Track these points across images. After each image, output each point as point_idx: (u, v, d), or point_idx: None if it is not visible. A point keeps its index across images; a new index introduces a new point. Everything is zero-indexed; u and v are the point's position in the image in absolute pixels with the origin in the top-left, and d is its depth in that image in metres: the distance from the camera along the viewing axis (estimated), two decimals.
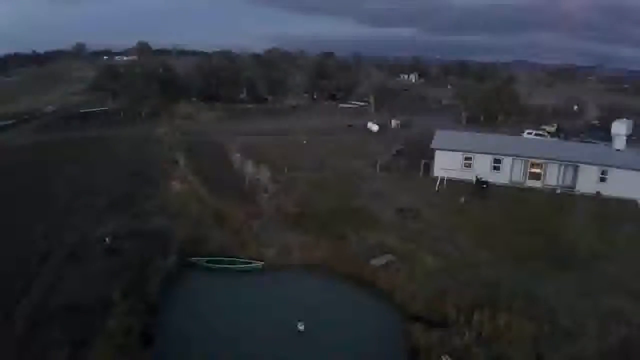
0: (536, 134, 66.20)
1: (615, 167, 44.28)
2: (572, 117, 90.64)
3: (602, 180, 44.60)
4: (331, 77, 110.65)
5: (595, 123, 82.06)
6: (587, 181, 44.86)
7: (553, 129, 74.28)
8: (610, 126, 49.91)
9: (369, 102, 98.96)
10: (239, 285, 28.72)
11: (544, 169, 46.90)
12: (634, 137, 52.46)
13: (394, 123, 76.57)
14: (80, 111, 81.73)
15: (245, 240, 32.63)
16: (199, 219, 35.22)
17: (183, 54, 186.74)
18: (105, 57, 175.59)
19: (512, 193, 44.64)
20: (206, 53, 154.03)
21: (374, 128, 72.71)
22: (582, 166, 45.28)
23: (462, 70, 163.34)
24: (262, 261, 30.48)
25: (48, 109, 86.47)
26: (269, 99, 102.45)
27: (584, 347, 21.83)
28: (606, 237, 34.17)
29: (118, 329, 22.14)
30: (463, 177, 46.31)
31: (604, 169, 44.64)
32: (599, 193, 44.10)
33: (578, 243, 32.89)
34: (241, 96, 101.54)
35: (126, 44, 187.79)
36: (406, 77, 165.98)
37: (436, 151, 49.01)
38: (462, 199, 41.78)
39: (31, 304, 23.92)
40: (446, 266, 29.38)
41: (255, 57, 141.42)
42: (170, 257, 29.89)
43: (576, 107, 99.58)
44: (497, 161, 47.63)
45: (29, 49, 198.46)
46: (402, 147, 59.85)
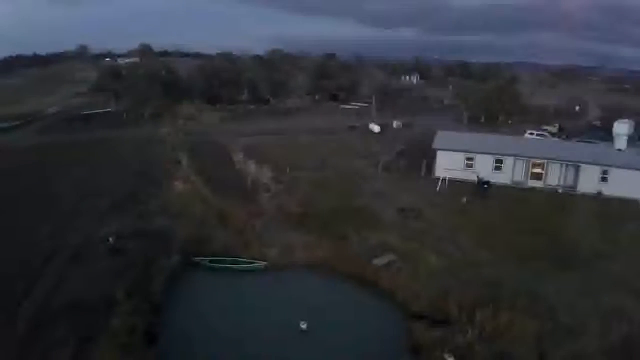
0: (538, 135, 66.13)
1: (617, 167, 44.30)
2: (574, 118, 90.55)
3: (604, 180, 44.61)
4: (333, 78, 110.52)
5: (597, 124, 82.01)
6: (589, 181, 44.89)
7: (555, 130, 74.21)
8: (612, 127, 50.00)
9: (370, 103, 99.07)
10: (241, 285, 28.85)
11: (545, 169, 46.94)
12: (637, 138, 52.52)
13: (395, 124, 76.58)
14: (84, 113, 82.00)
15: (248, 240, 32.75)
16: (202, 219, 35.36)
17: (185, 56, 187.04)
18: (108, 59, 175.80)
19: (514, 193, 44.70)
20: (208, 55, 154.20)
21: (376, 129, 72.70)
22: (583, 166, 45.31)
23: (463, 71, 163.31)
24: (264, 261, 30.62)
25: (51, 110, 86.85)
26: (271, 100, 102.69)
27: (586, 345, 21.88)
28: (608, 236, 34.18)
29: (122, 328, 22.26)
30: (465, 178, 46.39)
31: (605, 169, 44.66)
32: (600, 193, 44.15)
33: (580, 242, 32.93)
34: (243, 97, 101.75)
35: (128, 46, 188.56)
36: (408, 78, 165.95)
37: (438, 152, 49.09)
38: (464, 199, 41.88)
39: (35, 304, 24.01)
40: (448, 266, 29.48)
41: (257, 58, 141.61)
42: (174, 257, 30.07)
43: (578, 108, 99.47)
44: (498, 161, 47.66)
45: (32, 51, 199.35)
46: (404, 147, 59.96)
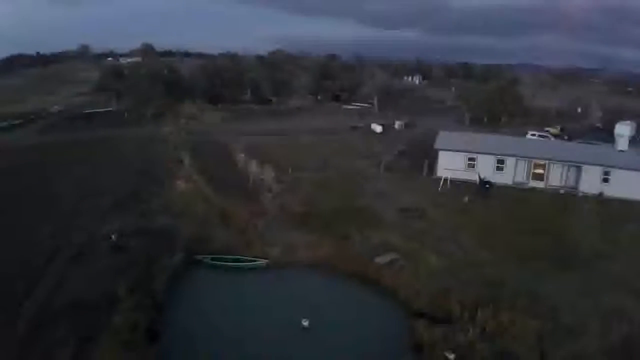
0: (540, 136, 66.20)
1: (618, 168, 44.38)
2: (575, 119, 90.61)
3: (605, 181, 44.66)
4: (335, 78, 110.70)
5: (598, 125, 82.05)
6: (590, 182, 44.93)
7: (557, 131, 74.29)
8: (613, 128, 50.05)
9: (372, 103, 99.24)
10: (243, 282, 28.94)
11: (547, 169, 46.98)
12: (638, 139, 52.60)
13: (397, 124, 76.73)
14: (86, 111, 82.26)
15: (250, 239, 32.85)
16: (204, 218, 35.46)
17: (187, 55, 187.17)
18: (109, 59, 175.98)
19: (515, 193, 44.74)
20: (210, 55, 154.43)
21: (378, 129, 72.86)
22: (585, 167, 45.36)
23: (465, 72, 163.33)
24: (266, 259, 30.76)
25: (54, 109, 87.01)
26: (273, 100, 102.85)
27: (587, 345, 21.95)
28: (609, 236, 34.24)
29: (124, 324, 22.35)
30: (466, 178, 46.43)
31: (607, 169, 44.71)
32: (602, 194, 44.20)
33: (581, 243, 33.00)
34: (245, 97, 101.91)
35: (129, 45, 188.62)
36: (410, 78, 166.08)
37: (439, 151, 49.17)
38: (466, 199, 41.95)
39: (36, 303, 23.99)
40: (449, 265, 29.56)
41: (259, 58, 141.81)
42: (176, 255, 30.14)
43: (580, 110, 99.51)
44: (500, 162, 47.73)
45: (33, 50, 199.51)
46: (406, 147, 60.05)
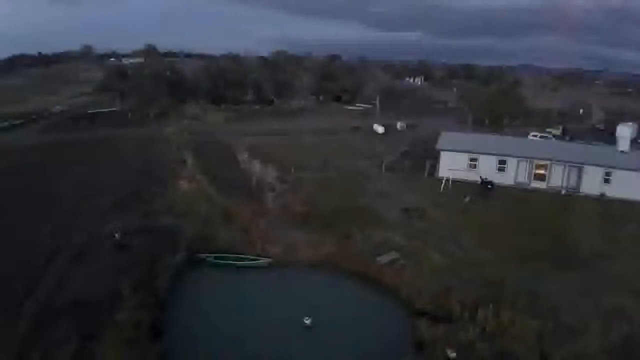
0: (541, 137, 66.30)
1: (620, 168, 44.48)
2: (577, 121, 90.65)
3: (606, 181, 44.78)
4: (337, 79, 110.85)
5: (600, 126, 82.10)
6: (592, 182, 45.04)
7: (558, 132, 74.42)
8: (614, 130, 50.13)
9: (374, 104, 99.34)
10: (245, 281, 29.13)
11: (548, 170, 47.08)
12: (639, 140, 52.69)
13: (399, 125, 76.85)
14: (89, 111, 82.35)
15: (252, 238, 33.04)
16: (207, 218, 35.60)
17: (188, 56, 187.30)
18: (112, 59, 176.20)
19: (517, 194, 44.85)
20: (212, 56, 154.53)
21: (380, 130, 73.01)
22: (586, 167, 45.45)
23: (467, 74, 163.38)
24: (269, 258, 30.93)
25: (56, 109, 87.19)
26: (276, 100, 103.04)
27: (587, 345, 22.06)
28: (610, 237, 34.34)
29: (128, 322, 22.51)
30: (468, 178, 46.55)
31: (608, 170, 44.81)
32: (603, 194, 44.29)
33: (581, 243, 33.13)
34: (248, 98, 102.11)
35: (131, 46, 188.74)
36: (412, 80, 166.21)
37: (441, 152, 49.31)
38: (467, 199, 42.08)
39: (37, 302, 24.04)
40: (451, 264, 29.74)
41: (262, 59, 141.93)
42: (179, 253, 30.33)
43: (581, 111, 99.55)
44: (502, 162, 47.84)
45: (35, 51, 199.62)
46: (407, 148, 60.19)
